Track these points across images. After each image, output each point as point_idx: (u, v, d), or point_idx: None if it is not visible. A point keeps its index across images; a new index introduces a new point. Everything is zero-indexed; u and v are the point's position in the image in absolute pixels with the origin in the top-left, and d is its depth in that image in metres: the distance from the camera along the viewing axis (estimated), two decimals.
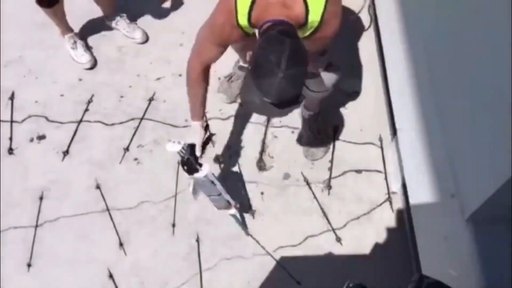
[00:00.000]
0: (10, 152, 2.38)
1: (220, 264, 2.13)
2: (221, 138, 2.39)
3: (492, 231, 1.55)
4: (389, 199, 2.23)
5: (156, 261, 2.14)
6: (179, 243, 2.17)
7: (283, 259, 2.13)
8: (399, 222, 2.17)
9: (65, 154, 2.37)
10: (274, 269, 2.11)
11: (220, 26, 1.59)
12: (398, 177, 2.18)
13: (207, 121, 1.97)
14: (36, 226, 2.21)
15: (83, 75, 2.61)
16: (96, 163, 2.35)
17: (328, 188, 2.27)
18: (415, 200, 2.00)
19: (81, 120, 2.46)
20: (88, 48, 2.64)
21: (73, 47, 2.58)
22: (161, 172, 2.32)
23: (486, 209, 1.48)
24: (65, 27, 2.55)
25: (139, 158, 2.37)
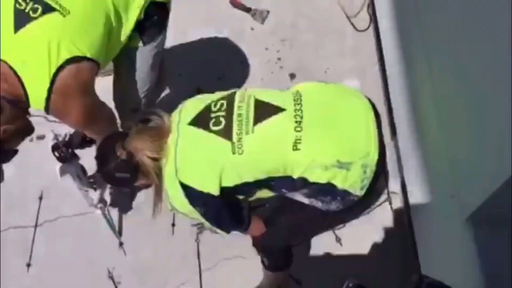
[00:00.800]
0: None
1: (220, 264, 2.13)
2: None
3: (492, 231, 1.55)
4: (389, 199, 2.23)
5: (156, 261, 2.14)
6: (179, 243, 2.17)
7: None
8: (399, 222, 2.17)
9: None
10: None
11: None
12: (398, 177, 2.18)
13: None
14: (36, 226, 2.21)
15: None
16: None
17: None
18: (415, 200, 2.01)
19: None
20: None
21: None
22: None
23: (485, 209, 1.48)
24: None
25: None
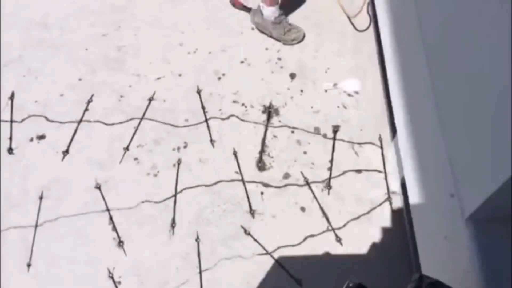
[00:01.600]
0: (10, 152, 2.38)
1: (220, 264, 2.13)
2: (220, 138, 2.40)
3: (492, 231, 1.55)
4: (389, 199, 2.23)
5: (156, 261, 2.14)
6: (179, 243, 2.17)
7: (282, 259, 2.13)
8: (399, 222, 2.17)
9: (65, 154, 2.37)
10: (273, 269, 2.11)
11: None
12: (398, 177, 2.18)
13: None
14: (36, 226, 2.21)
15: (82, 75, 2.61)
16: (96, 163, 2.35)
17: (328, 188, 2.27)
18: (415, 200, 2.00)
19: (81, 120, 2.47)
20: None
21: None
22: (161, 172, 2.32)
23: (486, 208, 1.48)
24: None
25: (139, 158, 2.36)
